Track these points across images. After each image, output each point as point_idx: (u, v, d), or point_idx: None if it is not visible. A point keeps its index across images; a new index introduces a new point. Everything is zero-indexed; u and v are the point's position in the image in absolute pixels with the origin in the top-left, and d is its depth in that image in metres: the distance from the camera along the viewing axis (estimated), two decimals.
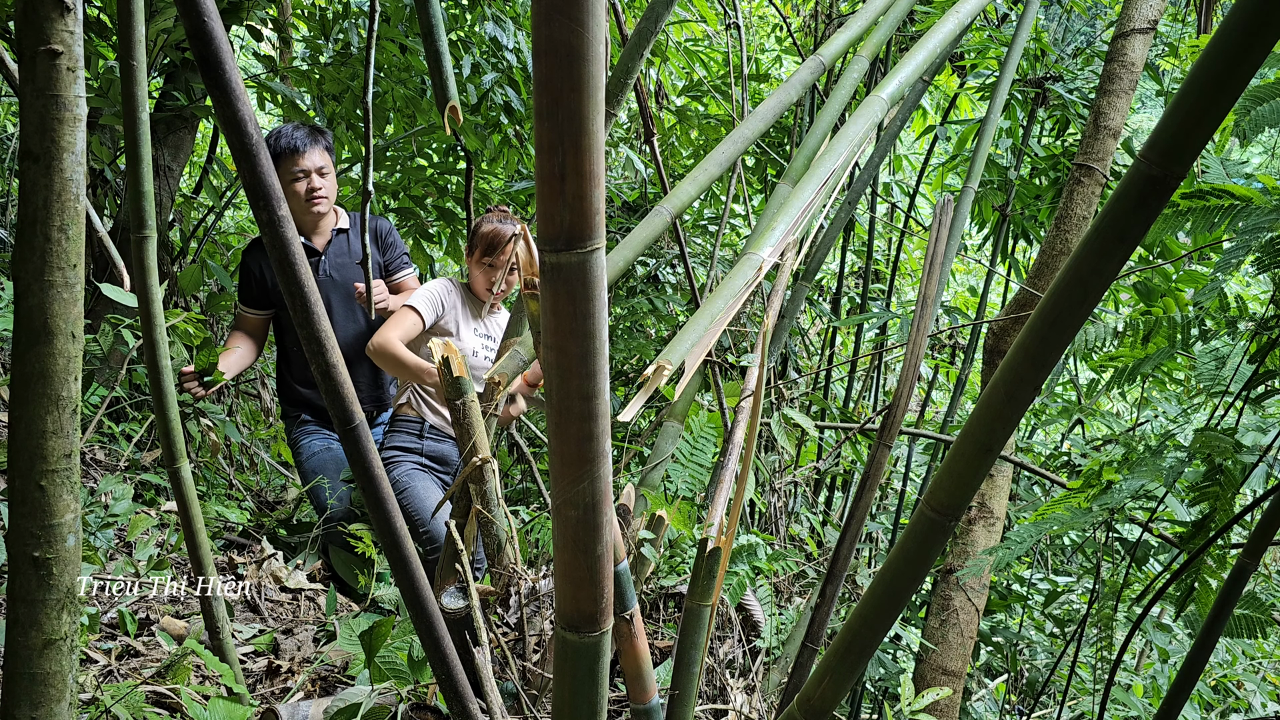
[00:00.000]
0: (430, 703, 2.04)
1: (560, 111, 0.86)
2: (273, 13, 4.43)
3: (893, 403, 2.16)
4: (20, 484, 1.21)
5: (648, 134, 3.17)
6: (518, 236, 1.65)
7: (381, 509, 1.42)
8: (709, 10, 5.21)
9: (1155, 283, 3.47)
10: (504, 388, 2.11)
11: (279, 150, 3.28)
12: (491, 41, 4.11)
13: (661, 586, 2.45)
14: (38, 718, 1.22)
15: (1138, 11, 3.45)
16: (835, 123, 2.37)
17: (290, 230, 1.28)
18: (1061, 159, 4.22)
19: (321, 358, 1.34)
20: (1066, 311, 1.06)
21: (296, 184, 3.31)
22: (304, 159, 3.29)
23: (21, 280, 1.18)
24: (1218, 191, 1.88)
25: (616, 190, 4.95)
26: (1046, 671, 4.22)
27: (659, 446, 2.83)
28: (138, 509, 3.13)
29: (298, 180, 3.30)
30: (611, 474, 1.07)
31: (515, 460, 4.72)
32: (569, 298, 0.94)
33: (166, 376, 1.96)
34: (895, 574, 1.28)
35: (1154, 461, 2.04)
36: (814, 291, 5.09)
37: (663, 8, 2.32)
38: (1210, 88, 0.95)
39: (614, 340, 4.80)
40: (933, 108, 5.43)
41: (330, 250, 3.47)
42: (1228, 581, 1.67)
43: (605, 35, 2.04)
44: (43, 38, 1.15)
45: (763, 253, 1.70)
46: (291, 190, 3.31)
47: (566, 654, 1.21)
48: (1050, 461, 3.86)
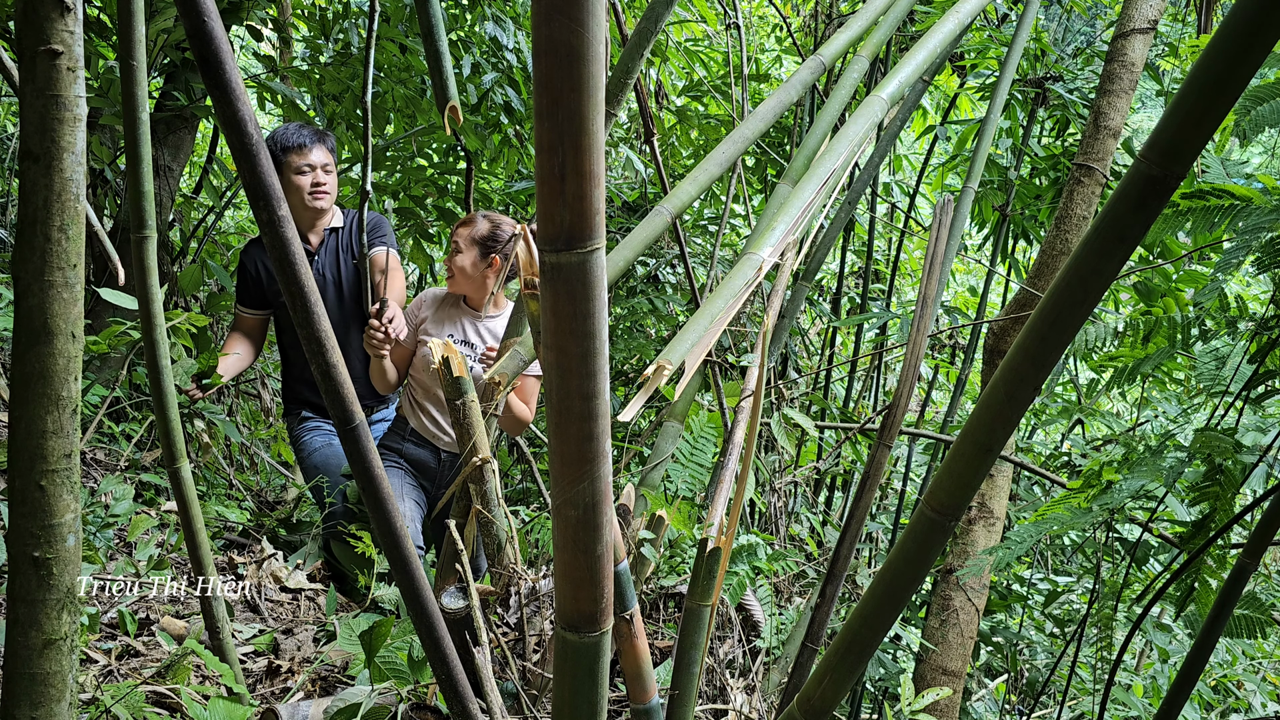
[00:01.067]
0: (430, 703, 2.04)
1: (560, 111, 0.86)
2: (273, 13, 4.43)
3: (893, 403, 2.16)
4: (20, 484, 1.21)
5: (648, 134, 3.18)
6: (518, 237, 1.65)
7: (381, 509, 1.42)
8: (709, 10, 5.21)
9: (1155, 283, 3.47)
10: (504, 388, 2.11)
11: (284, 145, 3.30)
12: (491, 41, 4.11)
13: (661, 586, 2.45)
14: (38, 718, 1.22)
15: (1138, 11, 3.45)
16: (835, 123, 2.37)
17: (290, 230, 1.28)
18: (1061, 159, 4.22)
19: (321, 358, 1.34)
20: (1066, 311, 1.06)
21: (300, 178, 3.33)
22: (309, 154, 3.32)
23: (21, 280, 1.18)
24: (1218, 191, 1.88)
25: (616, 190, 4.95)
26: (1046, 671, 4.22)
27: (659, 446, 2.83)
28: (138, 509, 3.13)
29: (301, 174, 3.33)
30: (611, 474, 1.07)
31: (515, 460, 4.72)
32: (569, 298, 0.94)
33: (166, 376, 1.96)
34: (895, 574, 1.28)
35: (1154, 461, 2.04)
36: (814, 291, 5.09)
37: (663, 8, 2.32)
38: (1210, 88, 0.95)
39: (614, 340, 4.80)
40: (933, 108, 5.43)
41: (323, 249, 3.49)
42: (1228, 581, 1.67)
43: (605, 35, 2.04)
44: (43, 38, 1.15)
45: (763, 253, 1.70)
46: (294, 185, 3.33)
47: (566, 654, 1.21)
48: (1050, 461, 3.86)
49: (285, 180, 3.32)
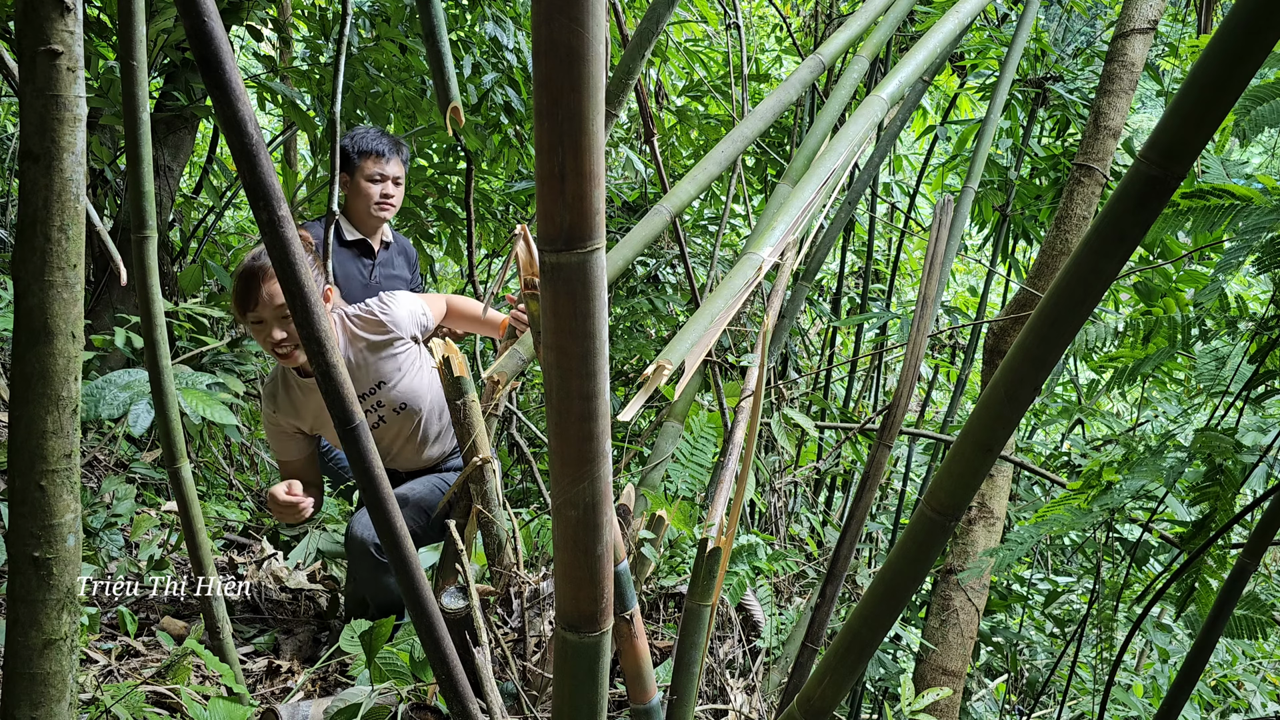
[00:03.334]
0: (430, 703, 2.04)
1: (560, 111, 0.86)
2: (273, 13, 4.43)
3: (893, 403, 2.16)
4: (20, 484, 1.21)
5: (648, 134, 3.18)
6: (518, 236, 1.65)
7: (381, 509, 1.42)
8: (709, 10, 5.22)
9: (1155, 283, 3.47)
10: (503, 387, 2.11)
11: (362, 149, 3.25)
12: (491, 41, 4.11)
13: (661, 586, 2.45)
14: (38, 718, 1.22)
15: (1138, 11, 3.45)
16: (835, 123, 2.37)
17: (290, 230, 1.28)
18: (1061, 159, 4.22)
19: (321, 358, 1.34)
20: (1066, 311, 1.06)
21: (371, 185, 3.28)
22: (387, 165, 3.28)
23: (21, 280, 1.18)
24: (1218, 191, 1.88)
25: (616, 190, 4.96)
26: (1046, 671, 4.22)
27: (659, 446, 2.83)
28: (138, 509, 3.13)
29: (374, 182, 3.28)
30: (611, 474, 1.07)
31: (515, 460, 4.72)
32: (569, 298, 0.94)
33: (166, 376, 1.96)
34: (895, 574, 1.28)
35: (1154, 462, 2.04)
36: (814, 291, 5.09)
37: (664, 8, 2.32)
38: (1210, 88, 0.95)
39: (614, 340, 4.80)
40: (933, 108, 5.43)
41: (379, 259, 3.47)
42: (1228, 581, 1.67)
43: (605, 35, 2.04)
44: (43, 38, 1.15)
45: (763, 253, 1.70)
46: (361, 190, 3.28)
47: (566, 654, 1.21)
48: (1050, 461, 3.86)
49: (353, 182, 3.28)
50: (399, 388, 2.63)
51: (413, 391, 2.65)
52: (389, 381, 2.62)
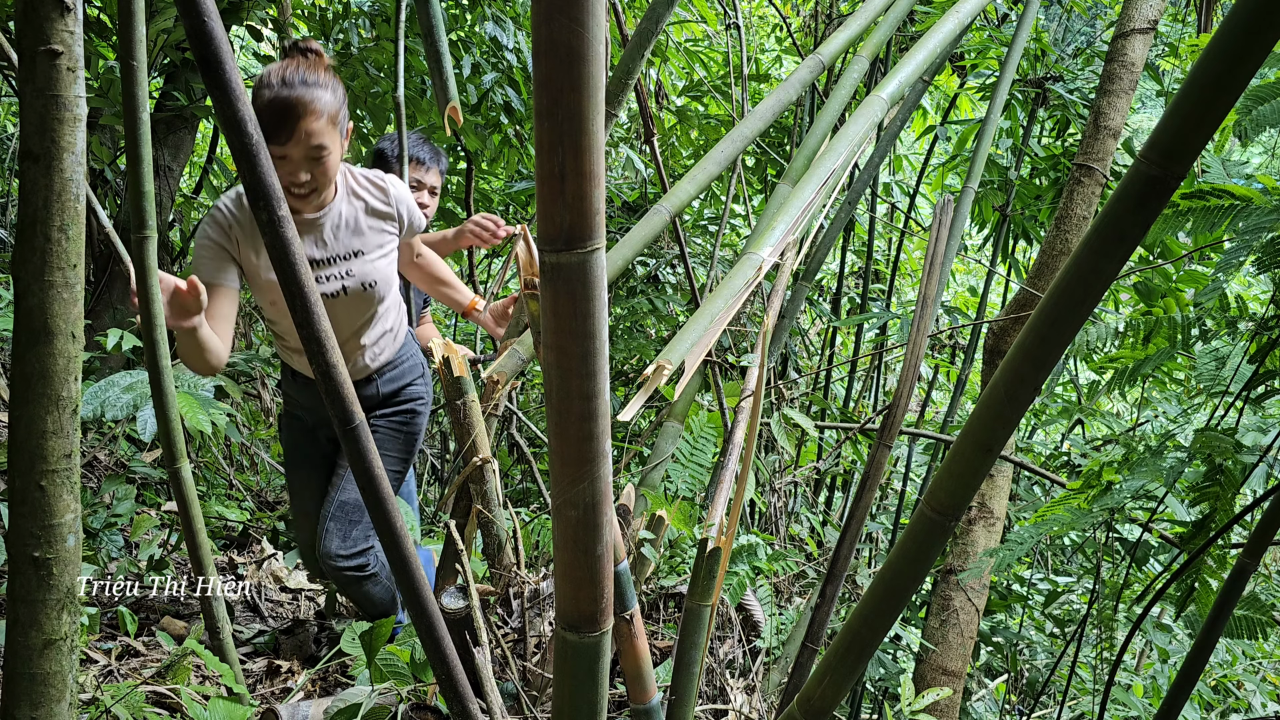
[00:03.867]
0: (430, 703, 2.04)
1: (560, 111, 0.86)
2: (273, 13, 4.43)
3: (893, 403, 2.16)
4: (20, 484, 1.21)
5: (648, 134, 3.18)
6: (518, 236, 1.65)
7: (381, 509, 1.42)
8: (709, 10, 5.21)
9: (1155, 283, 3.47)
10: (503, 386, 2.11)
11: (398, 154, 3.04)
12: (491, 41, 4.11)
13: (661, 586, 2.45)
14: (38, 718, 1.22)
15: (1138, 11, 3.45)
16: (835, 123, 2.37)
17: (290, 230, 1.28)
18: (1061, 159, 4.22)
19: (321, 358, 1.34)
20: (1066, 311, 1.06)
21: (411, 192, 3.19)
22: (425, 173, 3.13)
23: (21, 280, 1.18)
24: (1218, 191, 1.88)
25: (616, 190, 4.95)
26: (1046, 671, 4.22)
27: (659, 446, 2.83)
28: (138, 509, 3.13)
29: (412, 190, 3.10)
30: (611, 474, 1.07)
31: (515, 460, 4.72)
32: (569, 298, 0.94)
33: (166, 377, 1.96)
34: (895, 574, 1.28)
35: (1154, 462, 2.04)
36: (814, 291, 5.09)
37: (664, 8, 2.32)
38: (1210, 88, 0.95)
39: (614, 340, 4.81)
40: (933, 108, 5.43)
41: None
42: (1228, 582, 1.67)
43: (605, 35, 2.04)
44: (43, 38, 1.15)
45: (763, 253, 1.70)
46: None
47: (566, 654, 1.21)
48: (1050, 461, 3.86)
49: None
50: (374, 264, 2.45)
51: (383, 276, 2.48)
52: (367, 253, 2.44)
